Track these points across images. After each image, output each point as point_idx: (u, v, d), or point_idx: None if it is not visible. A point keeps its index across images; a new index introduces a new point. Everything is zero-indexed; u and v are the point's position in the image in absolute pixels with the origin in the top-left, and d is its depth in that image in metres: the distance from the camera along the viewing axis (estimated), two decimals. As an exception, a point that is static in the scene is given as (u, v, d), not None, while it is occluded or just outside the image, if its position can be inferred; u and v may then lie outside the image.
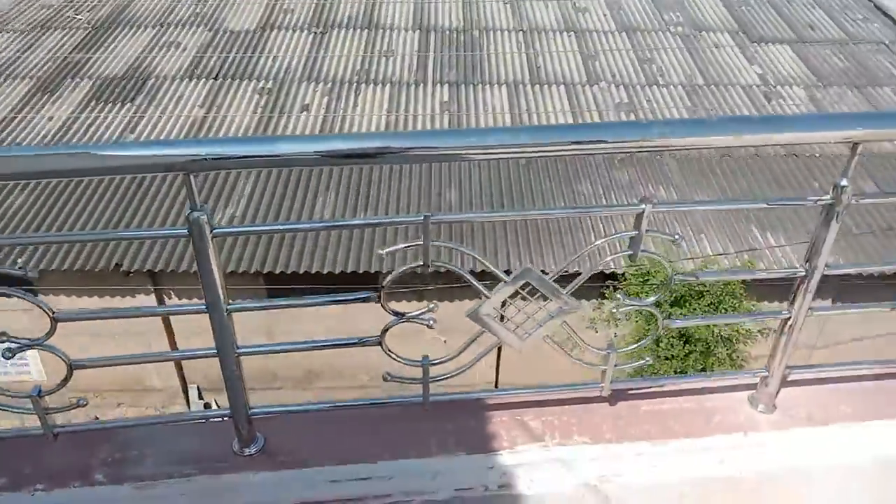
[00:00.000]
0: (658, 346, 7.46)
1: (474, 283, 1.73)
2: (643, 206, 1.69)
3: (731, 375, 2.16)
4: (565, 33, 11.70)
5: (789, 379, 2.19)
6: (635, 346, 1.98)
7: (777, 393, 2.11)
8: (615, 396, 2.11)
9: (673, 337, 7.55)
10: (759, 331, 7.96)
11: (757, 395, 2.09)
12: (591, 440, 1.99)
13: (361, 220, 1.72)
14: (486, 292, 1.77)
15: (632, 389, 2.12)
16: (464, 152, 1.61)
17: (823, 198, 1.75)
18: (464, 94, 10.44)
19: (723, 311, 7.19)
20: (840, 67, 11.11)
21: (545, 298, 1.81)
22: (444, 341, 8.30)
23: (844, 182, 1.72)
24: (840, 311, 2.08)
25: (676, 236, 1.76)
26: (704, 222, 8.66)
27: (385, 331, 1.81)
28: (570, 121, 9.79)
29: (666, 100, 10.37)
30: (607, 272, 7.99)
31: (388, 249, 1.68)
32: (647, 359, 2.01)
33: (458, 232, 8.22)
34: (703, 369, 7.49)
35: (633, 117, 9.77)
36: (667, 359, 7.39)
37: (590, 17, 12.05)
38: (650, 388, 2.14)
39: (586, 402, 2.09)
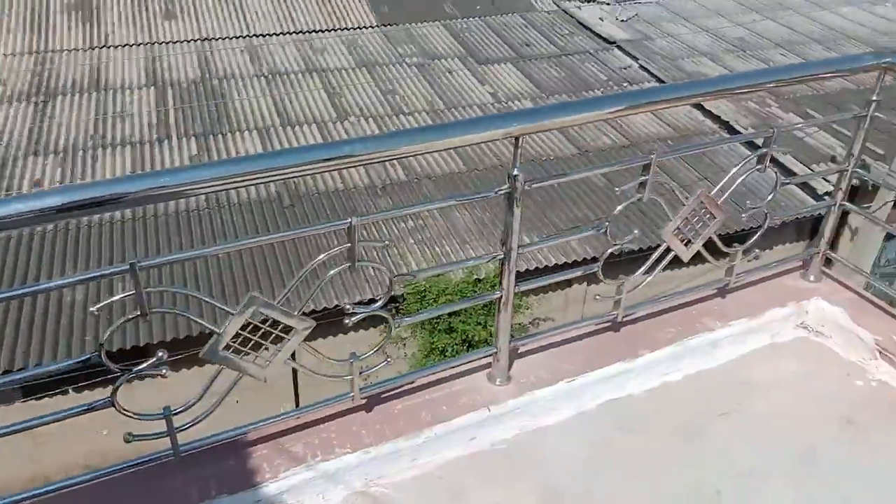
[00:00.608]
0: (444, 355, 7.80)
1: (198, 320, 1.74)
2: (351, 219, 1.82)
3: (469, 356, 2.36)
4: (308, 73, 11.88)
5: (520, 350, 2.45)
6: (375, 349, 2.09)
7: (510, 365, 2.35)
8: (371, 402, 2.21)
9: (457, 344, 7.94)
10: (530, 322, 8.65)
11: (493, 371, 2.31)
12: (351, 449, 2.07)
13: (65, 280, 1.66)
14: (215, 329, 1.79)
15: (385, 392, 2.24)
16: (211, 184, 1.64)
17: (502, 188, 2.00)
18: (213, 144, 10.18)
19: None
20: (557, 77, 12.46)
21: (278, 323, 1.86)
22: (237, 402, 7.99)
23: (516, 172, 1.99)
24: (544, 282, 2.37)
25: (385, 242, 1.91)
26: (468, 234, 9.23)
27: (115, 390, 1.75)
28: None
29: (413, 126, 10.91)
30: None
31: (98, 305, 1.64)
32: (388, 359, 2.13)
33: (209, 280, 7.99)
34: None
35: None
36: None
37: (329, 56, 12.36)
38: (402, 386, 2.27)
39: (344, 414, 2.17)
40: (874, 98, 2.50)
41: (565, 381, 2.34)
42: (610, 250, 2.28)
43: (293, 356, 1.92)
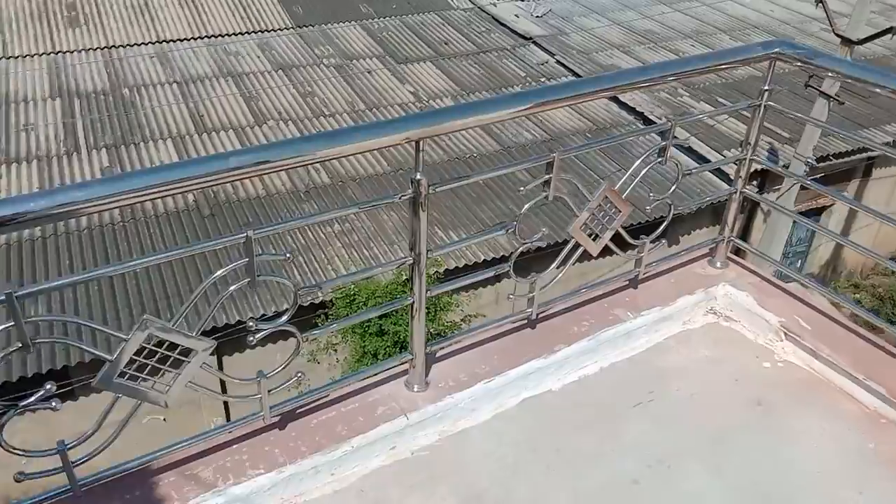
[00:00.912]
0: (377, 359, 7.73)
1: (83, 347, 1.65)
2: (247, 232, 1.76)
3: (385, 364, 2.32)
4: (222, 78, 11.58)
5: (437, 354, 2.43)
6: (283, 365, 2.01)
7: (428, 370, 2.32)
8: (284, 419, 2.15)
9: (389, 346, 7.88)
10: (462, 319, 8.66)
11: (410, 378, 2.28)
12: (265, 470, 2.01)
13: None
14: (108, 357, 1.70)
15: (299, 408, 2.18)
16: (122, 198, 1.58)
17: (406, 193, 1.97)
18: (125, 155, 9.81)
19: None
20: (477, 75, 12.52)
21: (176, 346, 1.78)
22: (163, 420, 7.74)
23: (419, 176, 1.96)
24: (451, 287, 2.35)
25: (287, 255, 1.86)
26: (396, 235, 9.18)
27: (0, 428, 1.64)
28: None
29: (334, 128, 10.77)
30: (317, 302, 8.09)
31: (-27, 340, 1.53)
32: (300, 374, 2.07)
33: (127, 298, 7.70)
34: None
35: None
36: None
37: (244, 60, 12.08)
38: (316, 400, 2.21)
39: (256, 434, 2.10)
40: (766, 87, 2.59)
41: (483, 383, 2.33)
42: (520, 249, 2.28)
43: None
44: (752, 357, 2.65)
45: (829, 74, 2.72)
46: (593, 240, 2.39)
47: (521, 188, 2.12)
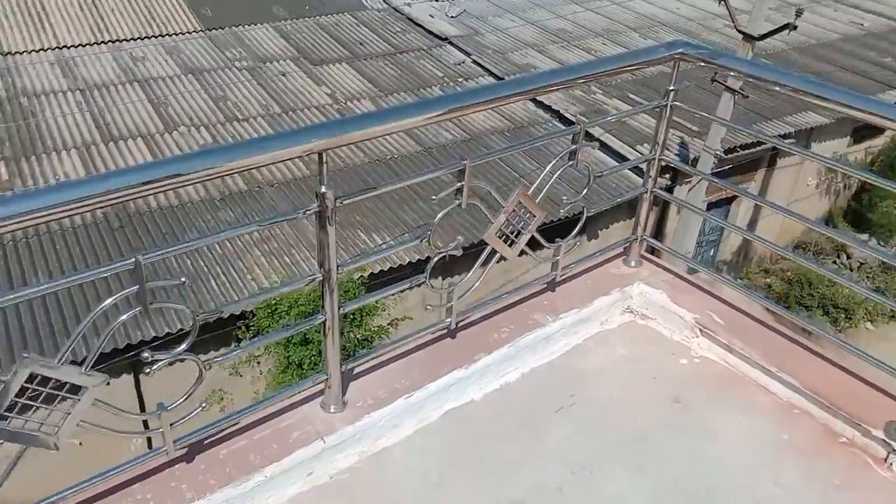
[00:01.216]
0: (302, 369, 7.55)
1: (-46, 396, 1.49)
2: (136, 257, 1.63)
3: (298, 387, 2.22)
4: (128, 84, 11.09)
5: (355, 372, 2.34)
6: (186, 396, 1.89)
7: (345, 389, 2.24)
8: (191, 451, 2.02)
9: (314, 355, 7.71)
10: (388, 323, 8.57)
11: (326, 399, 2.19)
12: (170, 508, 1.89)
13: None
14: (-15, 400, 1.54)
15: (206, 438, 2.06)
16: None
17: (311, 208, 1.88)
18: (26, 168, 9.26)
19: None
20: (394, 76, 12.43)
21: (64, 384, 1.64)
22: (80, 444, 7.33)
23: (324, 189, 1.87)
24: (364, 302, 2.28)
25: (183, 280, 1.75)
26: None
27: None
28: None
29: (250, 133, 10.48)
30: (237, 313, 7.84)
31: None
32: (203, 404, 1.95)
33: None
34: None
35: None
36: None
37: (150, 65, 11.60)
38: (225, 429, 2.10)
39: (160, 469, 1.97)
40: (671, 88, 2.62)
41: (404, 398, 2.26)
42: (435, 259, 2.23)
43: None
44: (669, 354, 2.68)
45: (731, 74, 2.78)
46: (509, 245, 2.35)
47: (434, 197, 2.06)
